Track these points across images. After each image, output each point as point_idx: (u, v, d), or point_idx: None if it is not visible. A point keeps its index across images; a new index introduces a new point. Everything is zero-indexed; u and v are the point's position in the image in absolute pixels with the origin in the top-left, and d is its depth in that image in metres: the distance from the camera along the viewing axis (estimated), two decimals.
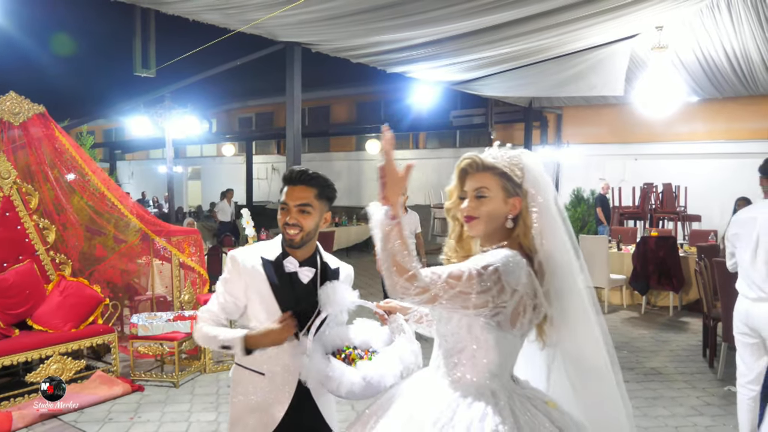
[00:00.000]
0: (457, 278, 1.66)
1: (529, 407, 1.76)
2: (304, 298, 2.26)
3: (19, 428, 4.45)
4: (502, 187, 1.81)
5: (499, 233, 1.84)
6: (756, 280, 3.73)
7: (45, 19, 7.37)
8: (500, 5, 6.32)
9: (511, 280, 1.68)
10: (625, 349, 6.68)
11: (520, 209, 1.81)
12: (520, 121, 14.83)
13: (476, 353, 1.77)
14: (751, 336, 3.83)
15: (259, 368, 2.25)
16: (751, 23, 7.99)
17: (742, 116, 12.86)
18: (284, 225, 2.25)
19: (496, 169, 1.82)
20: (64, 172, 5.84)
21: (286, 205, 2.26)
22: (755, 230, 3.75)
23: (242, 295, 2.26)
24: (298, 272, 2.28)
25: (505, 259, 1.70)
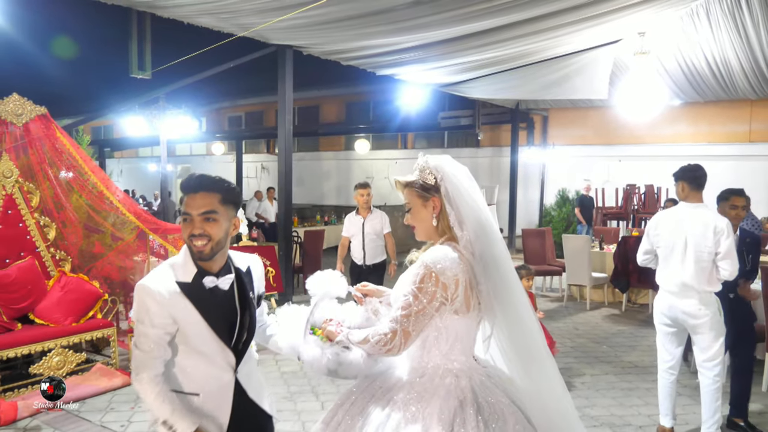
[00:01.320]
0: (406, 307, 1.97)
1: (488, 384, 2.02)
2: (228, 307, 2.18)
3: (24, 417, 4.64)
4: (417, 196, 2.13)
5: (433, 232, 2.14)
6: (685, 278, 4.07)
7: (45, 22, 7.51)
8: (487, 13, 6.56)
9: (448, 275, 1.96)
10: (605, 344, 6.96)
11: (441, 206, 2.10)
12: (507, 122, 15.11)
13: (438, 341, 2.04)
14: (673, 326, 4.23)
15: (192, 390, 2.16)
16: (729, 31, 8.29)
17: (722, 120, 13.23)
18: (190, 237, 2.07)
19: (410, 183, 2.15)
20: (63, 170, 6.00)
21: (188, 215, 2.07)
22: (683, 232, 4.09)
23: (170, 323, 2.09)
24: (218, 284, 2.15)
25: (435, 260, 1.98)
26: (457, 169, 2.15)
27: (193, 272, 2.13)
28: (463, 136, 17.50)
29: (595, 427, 4.62)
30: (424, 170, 2.14)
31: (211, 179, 2.11)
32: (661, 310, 4.28)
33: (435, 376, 2.01)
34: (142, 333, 2.07)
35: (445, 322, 2.01)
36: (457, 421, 1.90)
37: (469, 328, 2.07)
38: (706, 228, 4.02)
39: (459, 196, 2.09)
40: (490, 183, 16.24)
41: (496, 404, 1.97)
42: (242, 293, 2.22)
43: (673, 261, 4.15)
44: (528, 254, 10.06)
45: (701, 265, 4.02)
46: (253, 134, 20.94)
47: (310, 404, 5.00)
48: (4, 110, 5.52)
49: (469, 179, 2.15)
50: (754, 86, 10.45)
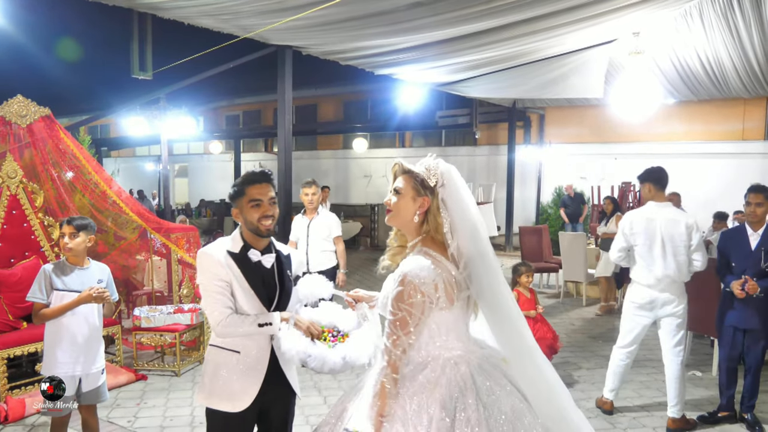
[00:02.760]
0: (397, 327, 2.06)
1: (486, 367, 2.14)
2: (270, 281, 2.64)
3: (31, 414, 4.73)
4: (412, 187, 2.20)
5: (411, 226, 2.23)
6: (668, 271, 4.44)
7: (47, 24, 7.57)
8: (485, 14, 6.64)
9: (428, 283, 2.06)
10: (600, 339, 7.07)
11: (429, 207, 2.18)
12: (504, 121, 15.19)
13: (432, 336, 2.15)
14: (647, 317, 4.61)
15: (234, 347, 2.59)
16: (721, 31, 8.39)
17: (716, 118, 13.36)
18: (261, 218, 2.57)
19: (412, 173, 2.22)
20: (66, 171, 6.09)
21: (260, 200, 2.58)
22: (658, 231, 4.43)
23: (226, 278, 2.55)
24: (261, 260, 2.62)
25: (413, 273, 2.06)
26: (461, 181, 2.22)
27: (240, 245, 2.62)
28: (461, 135, 17.59)
29: (590, 419, 4.69)
30: (430, 170, 2.21)
31: (269, 174, 2.66)
32: (639, 302, 4.61)
33: (437, 367, 2.11)
34: (211, 287, 2.54)
35: (434, 319, 2.12)
36: (458, 407, 2.01)
37: (457, 318, 2.17)
38: (677, 224, 4.43)
39: (458, 207, 2.17)
40: (487, 181, 16.36)
41: (494, 386, 2.08)
42: (281, 270, 2.69)
43: (654, 257, 4.49)
44: (525, 251, 10.18)
45: (679, 258, 4.41)
46: (251, 133, 20.98)
47: (313, 399, 5.10)
48: (8, 112, 5.60)
49: (468, 193, 2.23)
50: (746, 85, 10.57)
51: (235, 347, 2.59)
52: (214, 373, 2.61)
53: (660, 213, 4.51)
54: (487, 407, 2.02)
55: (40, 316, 3.57)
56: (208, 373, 2.64)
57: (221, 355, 2.61)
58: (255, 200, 2.58)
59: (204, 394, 2.64)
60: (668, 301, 4.49)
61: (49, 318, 3.56)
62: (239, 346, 2.59)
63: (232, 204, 2.70)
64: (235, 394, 2.58)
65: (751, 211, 4.42)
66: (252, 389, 2.58)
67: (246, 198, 2.59)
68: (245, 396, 2.58)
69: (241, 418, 2.59)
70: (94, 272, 3.74)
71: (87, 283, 3.63)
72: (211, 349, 2.66)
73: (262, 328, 2.54)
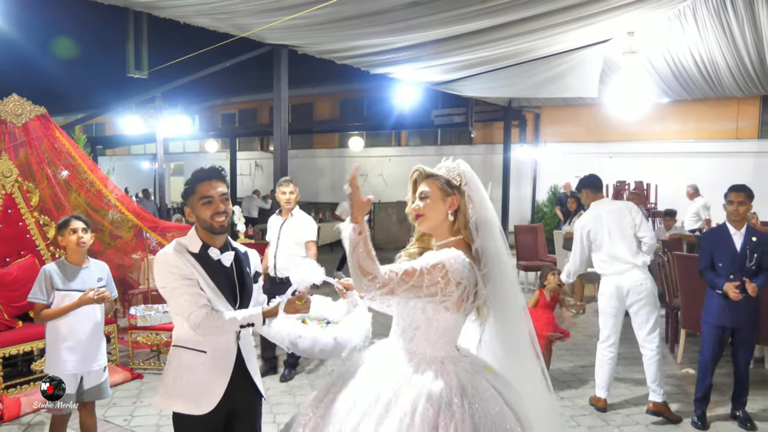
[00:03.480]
0: (410, 275, 2.07)
1: (471, 371, 2.18)
2: (231, 279, 2.61)
3: (27, 413, 4.74)
4: (440, 189, 2.25)
5: (443, 227, 2.27)
6: (620, 256, 4.73)
7: (43, 22, 7.56)
8: (480, 14, 6.67)
9: (456, 275, 2.09)
10: (594, 337, 7.08)
11: (459, 205, 2.24)
12: (500, 120, 15.22)
13: (428, 330, 2.19)
14: (617, 307, 4.81)
15: (201, 347, 2.51)
16: (715, 31, 8.43)
17: (710, 117, 13.42)
18: (214, 215, 2.53)
19: (436, 176, 2.28)
20: (62, 170, 6.08)
21: (210, 197, 2.53)
22: (605, 223, 4.76)
23: (191, 276, 2.48)
24: (221, 258, 2.58)
25: (451, 258, 2.11)
26: (479, 181, 2.30)
27: (199, 244, 2.57)
28: (457, 134, 17.62)
29: (584, 416, 4.76)
30: (452, 171, 2.28)
31: (220, 170, 2.61)
32: (607, 293, 4.84)
33: (423, 362, 2.16)
34: (181, 289, 2.45)
35: (436, 315, 2.16)
36: (444, 401, 2.04)
37: (457, 323, 2.22)
38: (620, 211, 4.81)
39: (481, 205, 2.25)
40: (483, 180, 16.19)
41: (478, 387, 2.12)
42: (239, 268, 2.66)
43: (607, 246, 4.80)
44: (520, 250, 10.21)
45: (627, 241, 4.72)
46: (246, 132, 20.97)
47: (307, 397, 5.10)
48: (3, 110, 5.59)
49: (486, 193, 2.30)
50: (740, 84, 10.62)
51: (202, 347, 2.52)
52: (177, 374, 2.52)
53: (602, 208, 4.87)
54: (471, 406, 2.05)
55: (42, 317, 3.59)
56: (170, 375, 2.54)
57: (186, 356, 2.53)
58: (206, 197, 2.53)
59: (165, 397, 2.54)
60: (632, 287, 4.70)
61: (50, 318, 3.58)
62: (206, 346, 2.52)
63: (185, 203, 2.64)
64: (201, 395, 2.49)
65: (734, 209, 4.45)
66: (218, 389, 2.51)
67: (197, 195, 2.55)
68: (211, 396, 2.50)
69: (208, 420, 2.51)
70: (94, 271, 3.76)
71: (88, 282, 3.65)
72: (175, 351, 2.57)
73: (243, 328, 2.49)
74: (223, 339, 2.54)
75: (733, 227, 4.49)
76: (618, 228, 4.75)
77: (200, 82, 9.49)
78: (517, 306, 2.28)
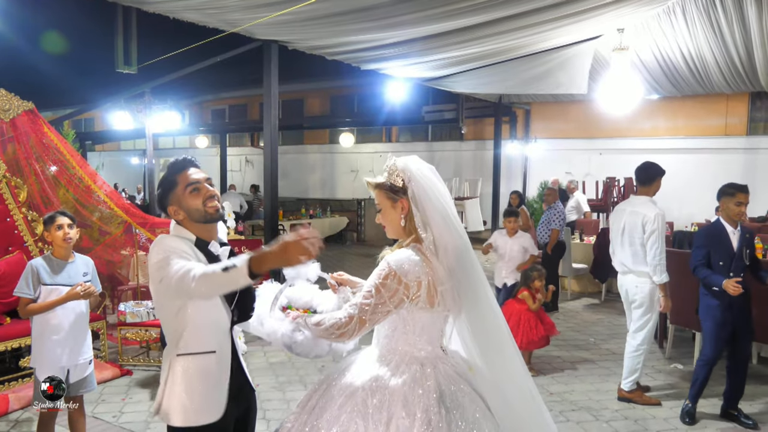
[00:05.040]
0: (368, 298, 2.07)
1: (452, 374, 2.15)
2: None
3: (15, 410, 4.72)
4: (387, 197, 2.23)
5: (402, 231, 2.24)
6: (623, 259, 4.88)
7: (30, 17, 7.48)
8: (470, 10, 6.66)
9: (410, 276, 2.06)
10: (584, 332, 7.14)
11: (409, 208, 2.19)
12: (490, 116, 15.23)
13: (406, 331, 2.17)
14: (626, 301, 5.01)
15: (209, 348, 2.28)
16: (704, 28, 8.47)
17: (699, 113, 13.50)
18: (205, 201, 2.32)
19: (380, 185, 2.24)
20: (50, 165, 6.04)
21: (197, 182, 2.33)
22: (623, 221, 4.81)
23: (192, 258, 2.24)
24: (220, 254, 2.39)
25: (398, 262, 2.08)
26: (424, 170, 2.21)
27: (193, 239, 2.34)
28: (447, 130, 17.62)
29: (574, 411, 4.79)
30: (392, 172, 2.23)
31: (195, 159, 2.45)
32: (618, 288, 5.13)
33: (402, 363, 2.13)
34: (173, 259, 2.13)
35: (411, 314, 2.13)
36: (420, 407, 2.01)
37: (434, 321, 2.18)
38: (636, 216, 4.78)
39: (426, 198, 2.17)
40: (473, 176, 16.42)
41: (457, 392, 2.09)
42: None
43: (616, 245, 4.96)
44: None
45: (634, 248, 4.78)
46: (237, 128, 20.89)
47: (298, 393, 5.11)
48: None
49: (436, 178, 2.22)
50: (729, 81, 10.68)
51: (211, 347, 2.29)
52: (189, 386, 2.26)
53: (631, 204, 4.91)
54: (449, 411, 2.03)
55: (28, 311, 3.58)
56: (181, 388, 2.25)
57: (195, 362, 2.27)
58: (191, 184, 2.33)
59: (184, 413, 2.24)
60: (629, 288, 4.89)
61: (36, 313, 3.59)
62: (214, 345, 2.30)
63: (163, 205, 2.38)
64: (215, 399, 2.29)
65: (742, 211, 4.43)
66: (225, 388, 2.33)
67: (180, 186, 2.33)
68: (222, 397, 2.31)
69: (222, 424, 2.31)
70: (80, 266, 3.77)
71: (74, 277, 3.65)
72: (181, 359, 2.27)
73: (227, 272, 1.99)
74: (223, 336, 2.35)
75: (730, 225, 4.46)
76: (629, 232, 4.80)
77: (190, 77, 9.45)
78: (486, 301, 2.24)
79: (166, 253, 2.18)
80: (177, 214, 2.36)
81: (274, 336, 2.36)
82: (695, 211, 12.21)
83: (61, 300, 3.55)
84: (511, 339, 2.29)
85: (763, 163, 12.80)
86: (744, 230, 4.49)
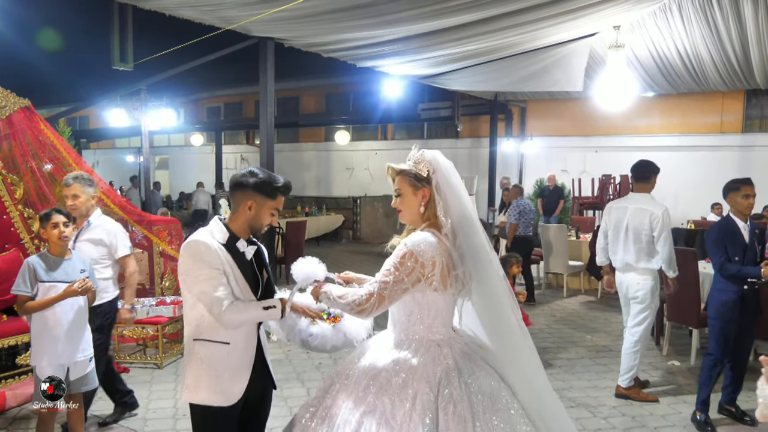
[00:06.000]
0: (387, 275, 2.23)
1: (467, 351, 2.30)
2: (252, 271, 2.64)
3: (12, 407, 4.71)
4: (409, 184, 2.38)
5: (419, 218, 2.38)
6: (626, 257, 4.88)
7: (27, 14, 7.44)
8: (466, 7, 6.66)
9: (426, 255, 2.21)
10: (581, 329, 7.16)
11: (430, 196, 2.34)
12: (486, 113, 15.24)
13: (421, 314, 2.30)
14: (625, 297, 5.06)
15: (224, 339, 2.51)
16: (700, 25, 8.49)
17: (695, 111, 13.54)
18: (269, 225, 2.64)
19: (404, 171, 2.39)
20: (46, 162, 6.02)
21: (278, 211, 2.65)
22: (626, 218, 4.82)
23: (221, 267, 2.48)
24: (246, 252, 2.61)
25: (415, 243, 2.24)
26: (448, 164, 2.38)
27: (227, 236, 2.57)
28: (443, 127, 17.63)
29: (571, 408, 4.80)
30: (419, 162, 2.36)
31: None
32: (617, 285, 5.15)
33: (420, 347, 2.26)
34: (205, 277, 2.44)
35: (426, 298, 2.26)
36: (442, 383, 2.15)
37: (447, 303, 2.31)
38: (643, 214, 4.78)
39: (448, 189, 2.32)
40: (469, 173, 16.42)
41: (474, 367, 2.23)
42: (260, 261, 2.70)
43: (618, 242, 4.98)
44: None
45: (639, 246, 4.81)
46: (232, 125, 20.86)
47: (296, 390, 5.12)
48: None
49: (456, 174, 2.38)
50: (724, 79, 10.70)
51: (225, 339, 2.51)
52: (202, 367, 2.52)
53: (633, 202, 4.90)
54: (468, 386, 2.15)
55: (26, 309, 3.56)
56: (195, 368, 2.53)
57: (209, 348, 2.52)
58: (277, 210, 2.63)
59: (192, 390, 2.54)
60: (631, 285, 4.91)
61: (34, 311, 3.56)
62: (228, 338, 2.51)
63: (246, 195, 2.57)
64: (228, 387, 2.52)
65: (750, 204, 4.41)
66: (243, 380, 2.55)
67: (273, 203, 2.59)
68: (237, 388, 2.53)
69: (231, 411, 2.55)
70: (77, 262, 3.75)
71: (71, 274, 3.64)
72: (197, 344, 2.54)
73: (267, 311, 2.49)
74: (243, 330, 2.55)
75: (741, 221, 4.40)
76: (633, 230, 4.81)
77: (185, 75, 9.43)
78: (498, 288, 2.35)
79: (198, 260, 2.46)
80: (249, 209, 2.57)
81: (291, 333, 2.56)
82: (690, 209, 12.24)
83: (58, 297, 3.53)
84: (522, 327, 2.40)
85: (758, 161, 12.83)
86: (753, 224, 4.47)
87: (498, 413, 2.11)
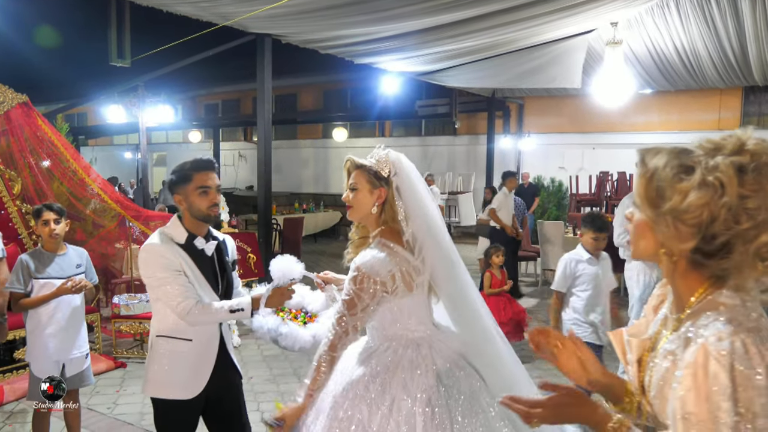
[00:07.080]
0: (342, 305, 2.12)
1: (447, 352, 2.20)
2: (212, 268, 2.66)
3: (10, 401, 4.72)
4: (367, 181, 2.23)
5: (371, 218, 2.27)
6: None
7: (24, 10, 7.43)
8: (464, 4, 6.68)
9: (381, 273, 2.09)
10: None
11: (386, 198, 2.21)
12: (484, 110, 15.24)
13: (394, 319, 2.20)
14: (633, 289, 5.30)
15: (186, 336, 2.56)
16: (698, 21, 8.50)
17: (693, 108, 13.55)
18: (211, 206, 2.58)
19: (365, 167, 2.25)
20: (44, 158, 6.03)
21: (208, 187, 2.56)
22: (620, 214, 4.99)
23: (179, 268, 2.51)
24: (205, 248, 2.62)
25: (367, 264, 2.11)
26: (412, 168, 2.26)
27: (185, 235, 2.59)
28: (441, 124, 17.63)
29: None
30: (382, 161, 2.25)
31: (215, 163, 2.67)
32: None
33: (399, 347, 2.18)
34: (166, 280, 2.47)
35: (396, 302, 2.16)
36: (420, 388, 2.07)
37: (418, 303, 2.21)
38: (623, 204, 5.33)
39: (411, 193, 2.21)
40: (467, 171, 16.45)
41: (453, 368, 2.16)
42: (220, 257, 2.71)
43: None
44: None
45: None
46: (230, 122, 20.83)
47: (292, 386, 5.13)
48: None
49: (420, 179, 2.27)
50: (722, 75, 10.72)
51: (187, 336, 2.57)
52: (163, 362, 2.58)
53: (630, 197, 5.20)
54: (447, 388, 2.09)
55: (20, 306, 3.56)
56: (157, 363, 2.59)
57: (172, 345, 2.58)
58: (203, 187, 2.56)
59: (153, 384, 2.60)
60: (629, 277, 5.23)
61: (28, 308, 3.56)
62: (191, 334, 2.57)
63: (172, 190, 2.62)
64: (189, 381, 2.58)
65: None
66: (204, 375, 2.60)
67: (194, 184, 2.55)
68: (198, 382, 2.59)
69: (192, 404, 2.60)
70: (72, 258, 3.74)
71: (66, 269, 3.63)
72: (159, 340, 2.60)
73: (234, 313, 2.53)
74: (206, 327, 2.59)
75: None
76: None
77: (183, 71, 9.42)
78: (467, 291, 2.28)
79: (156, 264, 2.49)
80: (180, 204, 2.60)
81: (261, 330, 2.55)
82: None
83: (52, 295, 3.51)
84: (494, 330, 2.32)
85: None
86: None
87: (477, 416, 2.08)
